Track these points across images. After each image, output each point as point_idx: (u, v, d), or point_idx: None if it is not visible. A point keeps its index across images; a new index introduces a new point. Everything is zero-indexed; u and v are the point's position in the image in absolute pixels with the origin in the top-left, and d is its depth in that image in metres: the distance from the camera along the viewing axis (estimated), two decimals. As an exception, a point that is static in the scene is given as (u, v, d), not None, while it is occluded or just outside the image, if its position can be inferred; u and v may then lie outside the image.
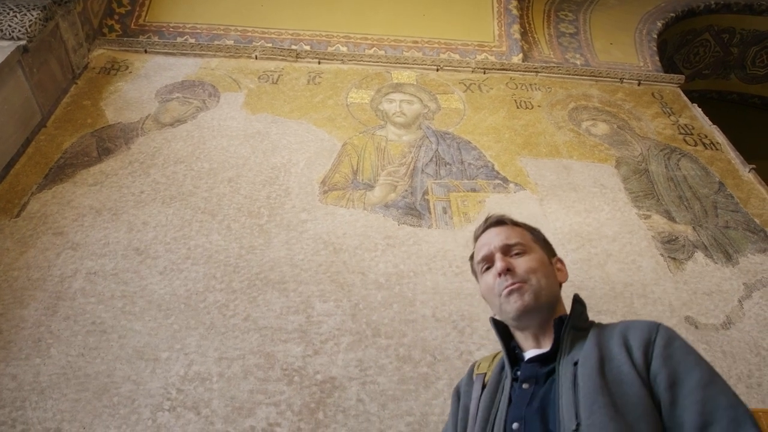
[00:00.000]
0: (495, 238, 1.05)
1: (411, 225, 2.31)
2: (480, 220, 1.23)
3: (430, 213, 2.37)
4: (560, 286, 1.03)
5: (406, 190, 2.48)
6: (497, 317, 1.04)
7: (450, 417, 1.10)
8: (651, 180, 2.73)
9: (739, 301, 2.13)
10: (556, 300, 0.99)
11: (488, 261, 1.04)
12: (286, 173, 2.53)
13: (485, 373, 1.00)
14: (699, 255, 2.32)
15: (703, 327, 2.02)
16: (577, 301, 0.98)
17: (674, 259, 2.29)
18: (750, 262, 2.31)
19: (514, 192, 2.54)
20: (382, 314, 1.95)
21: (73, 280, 2.00)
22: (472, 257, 1.13)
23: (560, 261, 1.07)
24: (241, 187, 2.44)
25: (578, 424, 0.74)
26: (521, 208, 2.45)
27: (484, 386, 0.97)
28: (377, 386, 1.73)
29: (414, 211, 2.37)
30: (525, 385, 0.88)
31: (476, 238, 1.12)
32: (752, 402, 1.75)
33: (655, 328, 0.85)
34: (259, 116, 2.87)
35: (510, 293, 0.94)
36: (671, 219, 2.50)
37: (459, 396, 1.07)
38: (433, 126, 2.92)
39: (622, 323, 0.92)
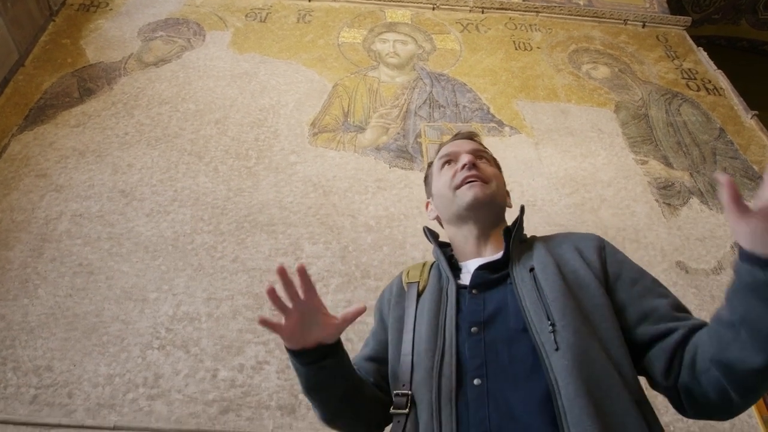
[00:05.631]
0: (465, 143, 1.05)
1: (402, 168, 2.26)
2: None
3: (422, 156, 2.31)
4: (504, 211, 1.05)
5: (399, 133, 2.41)
6: (438, 220, 1.03)
7: (372, 336, 1.04)
8: (650, 125, 2.66)
9: (732, 247, 2.12)
10: (503, 214, 1.01)
11: (453, 157, 1.01)
12: (274, 115, 2.45)
13: (418, 282, 0.97)
14: (694, 201, 2.29)
15: (694, 272, 2.02)
16: (523, 212, 1.01)
17: (669, 204, 2.27)
18: (745, 208, 2.29)
19: (510, 135, 2.48)
20: (372, 256, 1.93)
21: (58, 222, 1.97)
22: (430, 164, 1.09)
23: (508, 193, 1.09)
24: (228, 128, 2.36)
25: (552, 325, 0.77)
26: (516, 151, 2.40)
27: (419, 294, 0.95)
28: (366, 326, 1.73)
29: (406, 153, 2.32)
30: (474, 291, 0.87)
31: (441, 148, 1.10)
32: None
33: (600, 238, 0.93)
34: (246, 56, 2.75)
35: (471, 186, 0.95)
36: (668, 165, 2.45)
37: (387, 308, 1.00)
38: (427, 67, 2.81)
39: (564, 235, 0.97)
